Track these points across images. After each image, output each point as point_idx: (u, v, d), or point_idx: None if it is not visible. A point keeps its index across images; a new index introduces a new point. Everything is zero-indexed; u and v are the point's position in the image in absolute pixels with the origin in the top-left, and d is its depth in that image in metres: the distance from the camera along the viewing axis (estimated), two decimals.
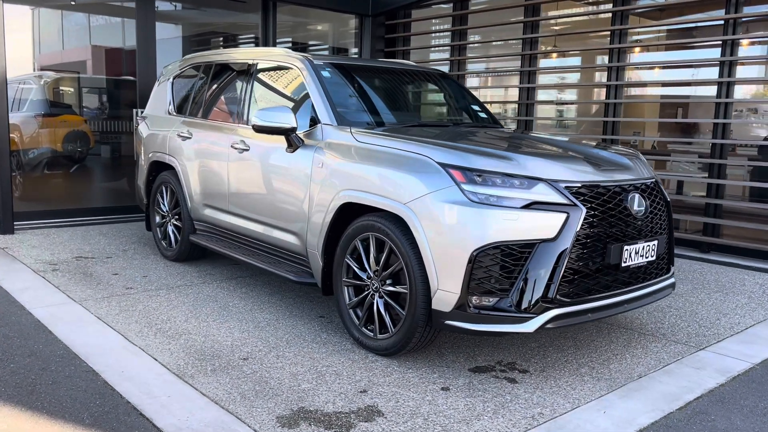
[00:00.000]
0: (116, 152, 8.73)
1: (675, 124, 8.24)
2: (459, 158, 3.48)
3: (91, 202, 8.54)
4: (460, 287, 3.33)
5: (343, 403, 3.21)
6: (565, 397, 3.35)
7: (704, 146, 7.46)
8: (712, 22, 7.17)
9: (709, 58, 7.05)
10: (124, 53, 8.98)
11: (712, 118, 6.93)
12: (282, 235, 4.52)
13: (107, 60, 9.18)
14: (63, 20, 9.02)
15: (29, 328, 4.13)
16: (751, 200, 7.23)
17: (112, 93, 9.03)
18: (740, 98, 7.06)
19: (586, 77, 8.96)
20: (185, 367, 3.59)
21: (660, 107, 8.50)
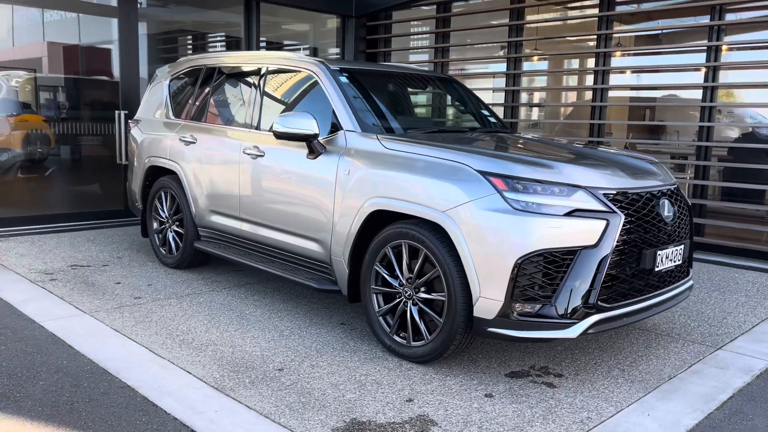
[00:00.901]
0: (89, 155, 8.44)
1: (646, 126, 8.45)
2: (497, 166, 3.50)
3: (69, 207, 8.26)
4: (503, 295, 3.35)
5: (393, 413, 3.20)
6: (606, 401, 3.41)
7: (672, 147, 7.71)
8: (698, 27, 7.39)
9: (695, 63, 7.26)
10: (81, 50, 8.68)
11: (691, 121, 7.15)
12: (302, 242, 4.48)
13: (65, 58, 8.88)
14: (14, 15, 8.62)
15: (45, 342, 3.99)
16: (723, 200, 7.46)
17: (82, 93, 8.71)
18: (725, 102, 7.29)
19: (571, 81, 9.10)
20: (222, 379, 3.53)
21: (634, 110, 8.71)
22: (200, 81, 5.69)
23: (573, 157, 3.88)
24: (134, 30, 7.92)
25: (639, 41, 8.18)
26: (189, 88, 5.83)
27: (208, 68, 5.64)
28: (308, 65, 4.67)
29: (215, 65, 5.57)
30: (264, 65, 5.02)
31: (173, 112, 5.90)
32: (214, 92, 5.51)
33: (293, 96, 4.84)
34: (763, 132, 7.73)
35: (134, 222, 7.88)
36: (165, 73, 6.21)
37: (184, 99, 5.85)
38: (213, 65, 5.60)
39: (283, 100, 4.90)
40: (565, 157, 3.81)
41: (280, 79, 4.94)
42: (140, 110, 6.40)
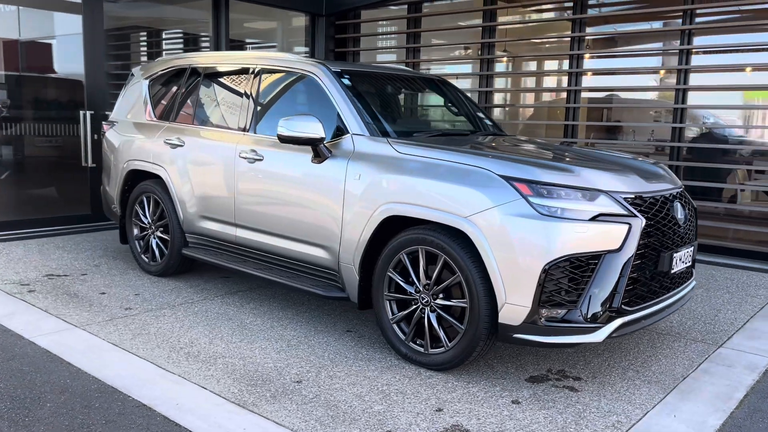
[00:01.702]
0: (48, 157, 8.06)
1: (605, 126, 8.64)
2: (521, 171, 3.48)
3: (32, 213, 7.86)
4: (530, 300, 3.34)
5: (426, 424, 3.14)
6: (630, 403, 3.44)
7: (630, 146, 7.91)
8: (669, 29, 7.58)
9: (668, 66, 7.46)
10: (21, 45, 8.27)
11: (649, 121, 7.34)
12: (306, 248, 4.36)
13: (5, 53, 8.44)
14: None
15: (41, 359, 3.77)
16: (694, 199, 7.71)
17: (26, 91, 8.27)
18: (696, 105, 7.51)
19: (545, 82, 9.20)
20: (241, 394, 3.40)
21: (607, 111, 8.89)
22: (185, 81, 5.48)
23: (588, 161, 3.89)
24: (99, 27, 7.60)
25: (610, 44, 8.33)
26: (173, 89, 5.61)
27: (193, 68, 5.44)
28: (308, 66, 4.55)
29: (202, 65, 5.38)
30: (258, 66, 4.87)
31: (155, 114, 5.68)
32: (203, 93, 5.32)
33: (291, 98, 4.72)
34: (719, 132, 8.02)
35: (102, 227, 7.58)
36: (143, 72, 5.96)
37: (167, 100, 5.63)
38: (199, 65, 5.40)
39: (280, 102, 4.76)
40: (581, 162, 3.83)
41: (276, 80, 4.80)
42: (116, 111, 6.13)
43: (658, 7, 7.66)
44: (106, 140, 6.11)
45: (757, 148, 7.64)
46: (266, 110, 4.79)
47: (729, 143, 7.73)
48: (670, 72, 7.41)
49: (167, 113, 5.56)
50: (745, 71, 7.13)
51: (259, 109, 4.80)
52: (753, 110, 7.64)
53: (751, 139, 7.76)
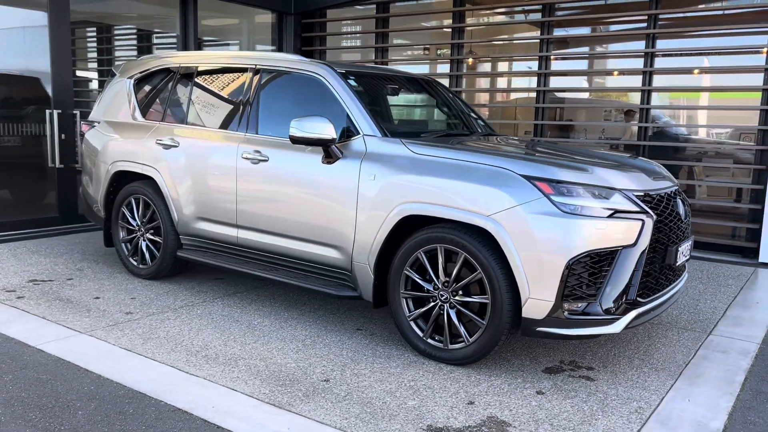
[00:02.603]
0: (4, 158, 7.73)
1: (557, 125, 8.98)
2: (541, 170, 3.62)
3: None
4: (554, 295, 3.48)
5: (463, 417, 3.24)
6: (645, 389, 3.63)
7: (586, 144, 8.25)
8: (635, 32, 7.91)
9: (631, 68, 7.79)
10: None
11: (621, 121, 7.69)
12: (316, 249, 4.38)
13: None
14: None
15: (56, 367, 3.67)
16: None
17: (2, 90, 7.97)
18: (660, 104, 7.87)
19: (512, 82, 9.43)
20: (273, 395, 3.41)
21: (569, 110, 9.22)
22: (176, 81, 5.39)
23: (597, 161, 4.07)
24: (65, 23, 7.36)
25: (577, 44, 8.62)
26: (161, 88, 5.51)
27: (184, 68, 5.36)
28: (313, 67, 4.57)
29: (194, 65, 5.31)
30: (259, 66, 4.85)
31: (141, 114, 5.56)
32: (197, 93, 5.25)
33: (295, 99, 4.72)
34: (672, 131, 8.45)
35: (72, 230, 7.36)
36: (125, 71, 5.83)
37: (155, 100, 5.53)
38: (191, 65, 5.33)
39: (283, 103, 4.76)
40: (591, 161, 4.00)
41: (278, 81, 4.79)
42: (97, 111, 5.97)
43: (623, 12, 7.99)
44: (86, 141, 5.95)
45: (711, 146, 8.07)
46: (268, 111, 4.77)
47: (679, 141, 8.12)
48: (635, 73, 7.74)
49: (157, 113, 5.46)
50: (697, 73, 7.54)
51: (260, 110, 4.78)
52: (713, 110, 8.05)
53: (704, 137, 8.19)
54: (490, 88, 9.61)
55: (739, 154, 7.54)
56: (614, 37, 8.24)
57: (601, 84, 8.50)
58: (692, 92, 7.78)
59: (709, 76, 7.60)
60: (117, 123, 5.70)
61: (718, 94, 7.67)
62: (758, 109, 7.04)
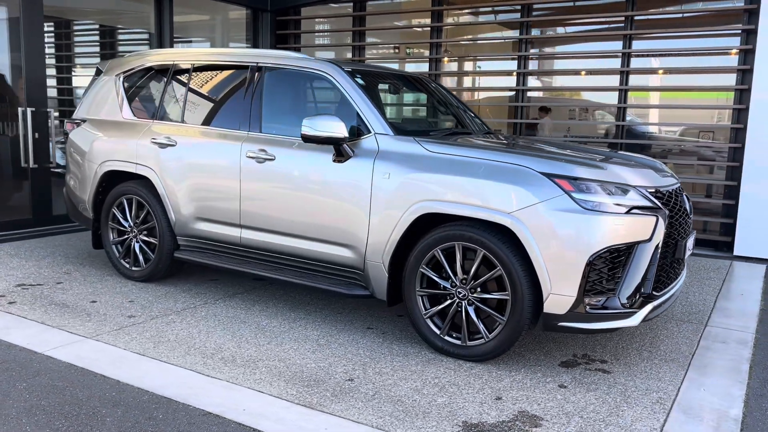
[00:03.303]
0: None
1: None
2: (560, 168, 3.68)
3: None
4: (576, 290, 3.55)
5: (495, 412, 3.28)
6: (660, 380, 3.74)
7: None
8: (613, 32, 8.11)
9: (609, 68, 7.99)
10: None
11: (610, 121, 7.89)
12: (326, 248, 4.36)
13: None
14: None
15: (70, 373, 3.56)
16: None
17: None
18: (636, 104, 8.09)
19: (491, 81, 9.53)
20: (301, 395, 3.38)
21: None
22: (170, 78, 5.27)
23: (608, 159, 4.15)
24: (38, 18, 7.12)
25: (555, 43, 8.77)
26: (155, 86, 5.38)
27: (180, 65, 5.25)
28: (320, 66, 4.53)
29: (191, 62, 5.20)
30: (261, 64, 4.79)
31: (132, 112, 5.42)
32: (194, 91, 5.14)
33: (301, 98, 4.69)
34: (639, 129, 8.70)
35: (47, 232, 7.13)
36: (113, 68, 5.67)
37: (148, 97, 5.40)
38: (187, 62, 5.22)
39: (289, 102, 4.72)
40: (603, 159, 4.08)
41: (284, 79, 4.74)
42: (82, 109, 5.79)
43: (601, 13, 8.17)
44: (71, 140, 5.76)
45: (685, 144, 8.34)
46: (272, 110, 4.72)
47: (653, 139, 8.37)
48: (612, 73, 7.93)
49: (149, 111, 5.34)
50: (670, 74, 7.78)
51: (263, 109, 4.72)
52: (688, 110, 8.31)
53: (679, 136, 8.46)
54: (471, 87, 9.70)
55: (712, 151, 7.80)
56: (591, 37, 8.42)
57: (579, 84, 8.67)
58: (668, 92, 8.02)
59: (684, 77, 7.84)
60: (105, 121, 5.55)
61: (693, 93, 7.92)
62: (731, 108, 7.31)
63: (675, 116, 8.35)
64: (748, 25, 7.05)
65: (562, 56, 8.36)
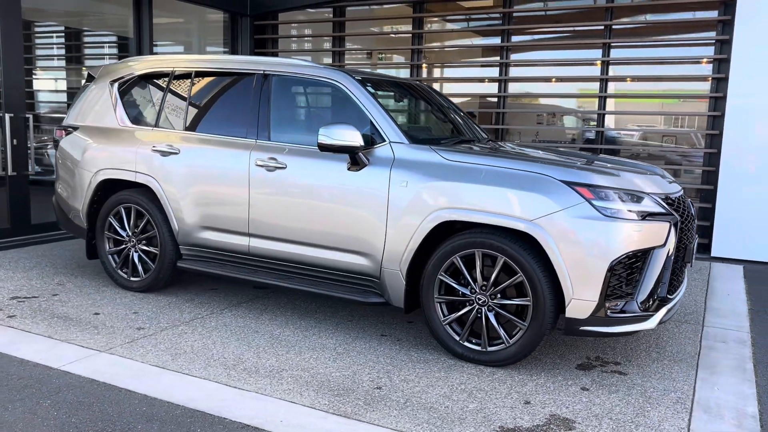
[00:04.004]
0: None
1: None
2: (579, 176, 3.78)
3: None
4: (598, 295, 3.65)
5: (528, 417, 3.34)
6: (674, 381, 3.87)
7: None
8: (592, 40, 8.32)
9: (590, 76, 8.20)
10: None
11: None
12: (340, 256, 4.36)
13: None
14: None
15: (94, 389, 3.48)
16: None
17: None
18: (616, 111, 8.32)
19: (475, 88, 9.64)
20: (334, 405, 3.39)
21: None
22: (172, 85, 5.19)
23: (618, 166, 4.28)
24: (16, 21, 6.90)
25: (537, 49, 8.93)
26: (154, 93, 5.29)
27: (180, 72, 5.17)
28: (330, 74, 4.53)
29: (192, 68, 5.13)
30: (268, 72, 4.76)
31: (130, 119, 5.32)
32: (197, 99, 5.07)
33: (312, 106, 4.68)
34: (611, 134, 8.96)
35: (27, 242, 6.94)
36: (106, 75, 5.55)
37: (148, 104, 5.30)
38: (189, 68, 5.14)
39: (299, 110, 4.71)
40: (620, 168, 4.20)
41: (293, 87, 4.73)
42: (74, 116, 5.65)
43: (581, 21, 8.38)
44: (61, 148, 5.62)
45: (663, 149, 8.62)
46: (281, 118, 4.70)
47: (632, 144, 8.63)
48: (592, 80, 8.15)
49: (148, 118, 5.24)
50: (645, 81, 8.04)
51: (273, 117, 4.69)
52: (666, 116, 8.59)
53: (658, 142, 8.73)
54: (452, 93, 9.80)
55: (688, 156, 8.07)
56: (571, 45, 8.61)
57: (559, 91, 8.86)
58: (646, 98, 8.27)
59: (661, 84, 8.10)
60: (100, 129, 5.43)
61: (670, 100, 8.19)
62: (706, 115, 7.59)
63: (653, 122, 8.61)
64: (722, 35, 7.34)
65: (541, 64, 8.53)
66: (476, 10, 8.91)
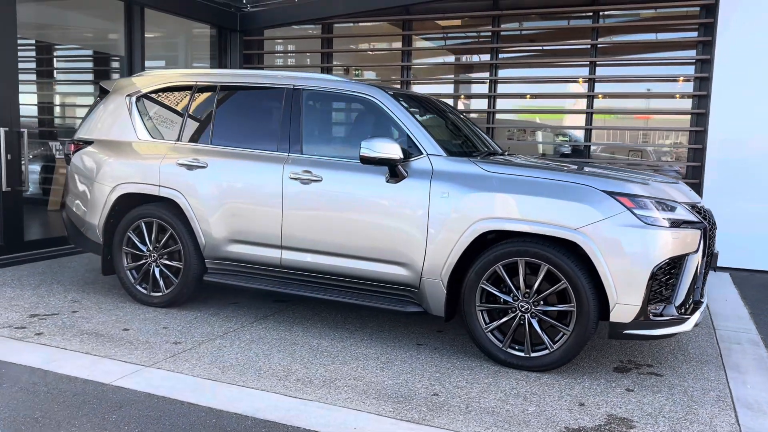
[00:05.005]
0: None
1: None
2: (619, 186, 3.97)
3: None
4: (641, 299, 3.83)
5: (588, 417, 3.47)
6: (708, 380, 4.07)
7: None
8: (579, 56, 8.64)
9: (579, 93, 8.51)
10: None
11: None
12: (379, 267, 4.43)
13: None
14: None
15: (156, 403, 3.45)
16: None
17: None
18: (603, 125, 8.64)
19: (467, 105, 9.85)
20: (399, 411, 3.45)
21: None
22: (195, 99, 5.18)
23: (647, 177, 4.49)
24: (11, 36, 6.75)
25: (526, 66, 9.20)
26: (176, 107, 5.26)
27: (205, 86, 5.17)
28: (366, 90, 4.62)
29: (216, 83, 5.13)
30: (298, 87, 4.81)
31: (150, 134, 5.28)
32: (223, 113, 5.06)
33: (345, 120, 4.75)
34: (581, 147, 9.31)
35: (21, 259, 6.74)
36: (123, 88, 5.50)
37: (169, 119, 5.27)
38: (212, 83, 5.15)
39: (333, 124, 4.77)
40: (647, 178, 4.41)
41: (325, 102, 4.81)
42: (87, 130, 5.57)
43: (571, 38, 8.71)
44: (74, 163, 5.53)
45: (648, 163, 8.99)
46: (313, 132, 4.76)
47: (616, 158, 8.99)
48: (580, 96, 8.46)
49: (170, 132, 5.22)
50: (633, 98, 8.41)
51: (305, 131, 4.74)
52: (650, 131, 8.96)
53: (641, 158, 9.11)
54: None
55: (673, 169, 8.44)
56: (558, 63, 8.92)
57: (548, 106, 9.15)
58: (631, 114, 8.62)
59: (645, 101, 8.47)
60: (117, 143, 5.36)
61: (655, 116, 8.56)
62: (688, 131, 7.98)
63: (641, 138, 8.97)
64: (702, 55, 7.75)
65: (530, 81, 8.81)
66: (465, 29, 9.13)
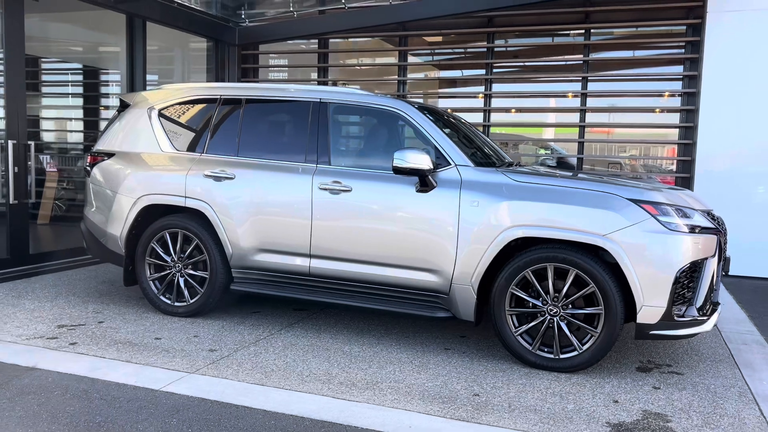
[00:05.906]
0: None
1: None
2: (642, 194, 4.20)
3: None
4: (666, 301, 4.05)
5: (625, 413, 3.66)
6: (725, 377, 4.30)
7: None
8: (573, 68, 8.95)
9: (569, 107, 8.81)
10: None
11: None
12: (409, 273, 4.58)
13: None
14: None
15: (210, 407, 3.54)
16: None
17: None
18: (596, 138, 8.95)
19: None
20: (447, 411, 3.59)
21: None
22: (219, 112, 5.28)
23: (660, 186, 4.74)
24: (19, 47, 6.77)
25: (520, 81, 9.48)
26: (201, 120, 5.35)
27: (229, 99, 5.28)
28: (392, 103, 4.78)
29: (242, 96, 5.25)
30: (326, 100, 4.95)
31: (174, 146, 5.37)
32: (250, 125, 5.17)
33: (372, 132, 4.92)
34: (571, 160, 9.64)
35: (28, 272, 6.72)
36: (144, 101, 5.58)
37: (193, 131, 5.35)
38: (238, 96, 5.26)
39: (359, 136, 4.93)
40: (659, 187, 4.66)
41: (352, 115, 4.96)
42: (107, 142, 5.62)
43: (564, 54, 9.03)
44: (95, 175, 5.57)
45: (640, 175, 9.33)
46: (340, 143, 4.91)
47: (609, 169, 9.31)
48: (573, 111, 8.77)
49: (194, 144, 5.30)
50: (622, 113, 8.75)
51: (332, 143, 4.89)
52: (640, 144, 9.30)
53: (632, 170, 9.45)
54: None
55: (663, 180, 8.78)
56: (552, 79, 9.22)
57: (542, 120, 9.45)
58: (622, 127, 8.95)
59: (635, 115, 8.81)
60: (139, 155, 5.43)
61: (644, 130, 8.91)
62: (676, 143, 8.33)
63: (632, 151, 9.31)
64: (690, 71, 8.11)
65: (524, 95, 9.10)
66: (458, 44, 9.39)
